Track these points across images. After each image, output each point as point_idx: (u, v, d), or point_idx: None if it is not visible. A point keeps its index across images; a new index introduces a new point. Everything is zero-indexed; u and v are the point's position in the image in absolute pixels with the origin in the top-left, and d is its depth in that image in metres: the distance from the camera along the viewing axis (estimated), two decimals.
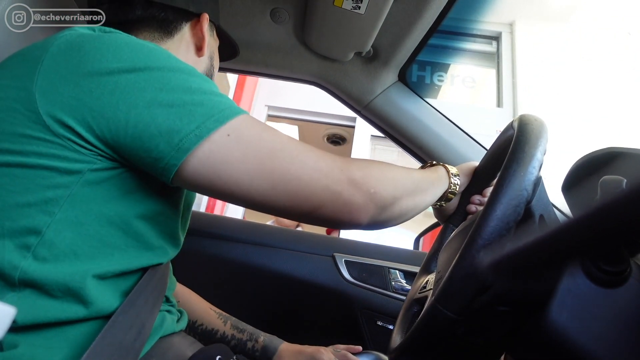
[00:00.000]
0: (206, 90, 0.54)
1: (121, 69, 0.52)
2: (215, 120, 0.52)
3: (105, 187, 0.54)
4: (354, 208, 0.56)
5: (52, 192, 0.51)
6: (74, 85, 0.51)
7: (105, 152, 0.52)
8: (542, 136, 0.53)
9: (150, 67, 0.53)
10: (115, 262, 0.56)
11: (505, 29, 5.04)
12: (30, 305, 0.50)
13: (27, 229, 0.51)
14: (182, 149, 0.51)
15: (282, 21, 1.08)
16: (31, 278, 0.51)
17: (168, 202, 0.63)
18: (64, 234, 0.52)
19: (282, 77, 1.29)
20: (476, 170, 0.80)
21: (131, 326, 0.57)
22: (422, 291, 0.68)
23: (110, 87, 0.51)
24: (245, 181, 0.53)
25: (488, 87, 5.00)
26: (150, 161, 0.52)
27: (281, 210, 0.56)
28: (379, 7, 0.92)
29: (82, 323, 0.54)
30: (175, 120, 0.51)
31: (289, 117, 4.90)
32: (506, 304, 0.44)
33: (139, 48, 0.54)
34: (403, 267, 1.23)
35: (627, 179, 0.39)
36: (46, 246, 0.51)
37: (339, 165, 0.57)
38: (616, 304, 0.35)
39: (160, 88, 0.52)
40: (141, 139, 0.51)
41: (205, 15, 0.76)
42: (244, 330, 0.93)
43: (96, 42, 0.54)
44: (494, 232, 0.44)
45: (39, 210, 0.51)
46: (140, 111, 0.50)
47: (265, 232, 1.31)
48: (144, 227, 0.59)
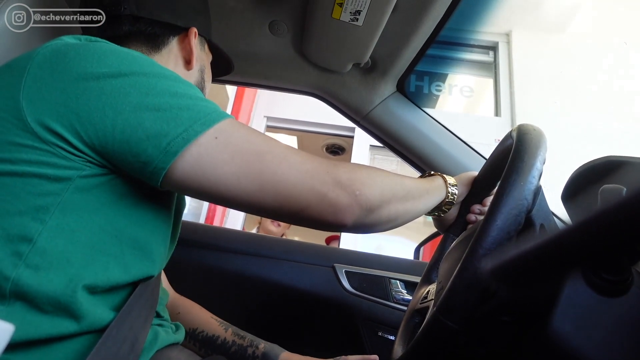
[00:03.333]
0: (192, 95, 0.55)
1: (107, 74, 0.52)
2: (202, 123, 0.53)
3: (95, 193, 0.54)
4: (338, 209, 0.56)
5: (42, 199, 0.52)
6: (60, 92, 0.51)
7: (93, 158, 0.53)
8: (541, 146, 0.54)
9: (136, 72, 0.53)
10: (109, 271, 0.56)
11: (502, 39, 5.08)
12: (21, 320, 0.49)
13: (19, 237, 0.51)
14: (169, 152, 0.51)
15: (280, 33, 1.09)
16: (22, 289, 0.50)
17: (159, 208, 0.63)
18: (56, 242, 0.52)
19: (281, 88, 1.29)
20: (475, 180, 0.81)
21: (124, 340, 0.56)
22: (424, 301, 0.68)
23: (96, 93, 0.51)
24: (232, 183, 0.54)
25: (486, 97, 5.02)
26: (139, 165, 0.52)
27: (268, 210, 0.57)
28: (377, 18, 0.93)
29: (74, 339, 0.54)
30: (162, 124, 0.51)
31: (288, 127, 4.91)
32: (508, 314, 0.44)
33: (123, 55, 0.55)
34: (404, 277, 1.22)
35: (626, 188, 0.39)
36: (38, 253, 0.51)
37: (325, 168, 0.57)
38: (619, 313, 0.34)
39: (146, 93, 0.52)
40: (129, 144, 0.51)
41: (192, 30, 0.77)
42: (245, 337, 0.93)
43: (81, 49, 0.55)
44: (495, 242, 0.44)
45: (30, 218, 0.51)
46: (127, 116, 0.51)
47: (265, 243, 1.31)
48: (135, 233, 0.59)
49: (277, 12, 1.04)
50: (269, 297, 1.24)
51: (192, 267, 1.23)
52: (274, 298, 1.23)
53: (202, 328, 0.92)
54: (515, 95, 4.68)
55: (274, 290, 1.22)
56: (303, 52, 1.12)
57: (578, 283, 0.35)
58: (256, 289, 1.23)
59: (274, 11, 1.03)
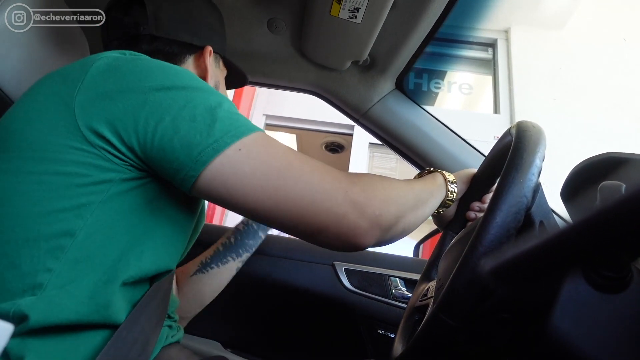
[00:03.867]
0: (225, 107, 0.58)
1: (152, 87, 0.56)
2: (231, 135, 0.55)
3: (132, 195, 0.58)
4: (358, 232, 0.56)
5: (85, 197, 0.55)
6: (109, 101, 0.56)
7: (135, 162, 0.57)
8: (541, 143, 0.54)
9: (177, 86, 0.57)
10: (137, 265, 0.60)
11: (501, 36, 5.08)
12: (48, 303, 0.52)
13: (62, 232, 0.55)
14: (200, 162, 0.54)
15: (279, 31, 1.08)
16: (62, 281, 0.54)
17: (186, 211, 0.67)
18: (95, 237, 0.56)
19: (280, 86, 1.29)
20: (474, 177, 0.81)
21: (135, 341, 0.58)
22: (423, 299, 0.68)
23: (142, 104, 0.55)
24: (251, 196, 0.55)
25: (485, 94, 5.02)
26: (172, 172, 0.56)
27: (286, 227, 0.58)
28: (376, 16, 0.92)
29: (93, 331, 0.56)
30: (196, 134, 0.54)
31: (287, 125, 4.91)
32: (508, 312, 0.44)
33: (167, 70, 0.60)
34: (403, 274, 1.22)
35: (626, 185, 0.39)
36: (78, 247, 0.55)
37: (343, 187, 0.56)
38: (618, 310, 0.34)
39: (184, 105, 0.56)
40: (164, 151, 0.55)
41: (208, 48, 0.80)
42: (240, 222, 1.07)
43: (130, 65, 0.59)
44: (494, 240, 0.44)
45: (73, 215, 0.55)
46: (165, 125, 0.54)
47: (265, 240, 1.31)
48: (162, 232, 0.63)
49: (275, 10, 1.04)
50: (269, 295, 1.24)
51: None
52: (273, 296, 1.23)
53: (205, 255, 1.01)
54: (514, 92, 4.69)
55: (273, 288, 1.22)
56: (302, 49, 1.12)
57: (577, 280, 0.35)
58: (256, 287, 1.23)
59: (273, 9, 1.03)
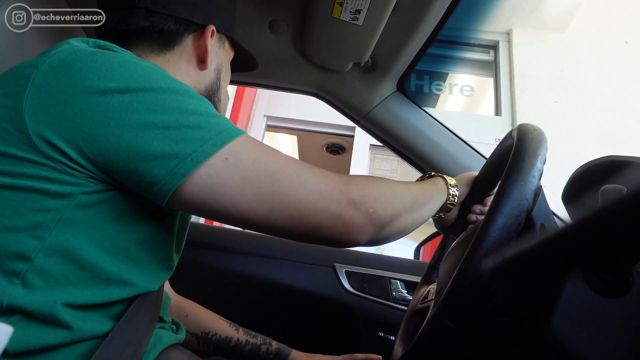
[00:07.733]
0: (202, 111, 0.53)
1: (114, 89, 0.50)
2: (212, 144, 0.51)
3: (97, 210, 0.53)
4: (353, 229, 0.56)
5: (42, 216, 0.50)
6: (64, 105, 0.49)
7: (97, 175, 0.51)
8: (542, 145, 0.53)
9: (144, 87, 0.51)
10: (107, 289, 0.55)
11: (502, 38, 5.08)
12: (21, 331, 0.48)
13: (16, 255, 0.49)
14: (177, 174, 0.49)
15: (280, 33, 1.08)
16: (19, 306, 0.49)
17: (162, 224, 0.61)
18: (54, 260, 0.51)
19: (281, 88, 1.29)
20: (476, 180, 0.80)
21: (127, 344, 0.56)
22: (424, 302, 0.68)
23: (102, 108, 0.49)
24: (243, 204, 0.52)
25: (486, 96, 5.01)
26: (144, 185, 0.51)
27: (280, 231, 0.56)
28: (377, 18, 0.92)
29: (73, 346, 0.53)
30: (171, 144, 0.49)
31: (288, 127, 4.91)
32: (509, 315, 0.44)
33: (132, 67, 0.53)
34: (404, 277, 1.22)
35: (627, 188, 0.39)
36: (35, 273, 0.50)
37: (338, 186, 0.56)
38: (619, 313, 0.34)
39: (154, 110, 0.50)
40: (135, 163, 0.49)
41: (210, 27, 0.73)
42: (257, 336, 0.96)
43: (88, 60, 0.52)
44: (495, 242, 0.44)
45: (29, 235, 0.50)
46: (133, 134, 0.49)
47: (266, 243, 1.31)
48: (137, 251, 0.58)
49: (277, 11, 1.04)
50: (269, 296, 1.24)
51: (192, 267, 1.23)
52: (273, 298, 1.23)
53: (215, 331, 0.92)
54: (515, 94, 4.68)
55: (274, 290, 1.22)
56: (303, 51, 1.12)
57: (579, 283, 0.35)
58: (256, 289, 1.23)
59: (274, 10, 1.03)
